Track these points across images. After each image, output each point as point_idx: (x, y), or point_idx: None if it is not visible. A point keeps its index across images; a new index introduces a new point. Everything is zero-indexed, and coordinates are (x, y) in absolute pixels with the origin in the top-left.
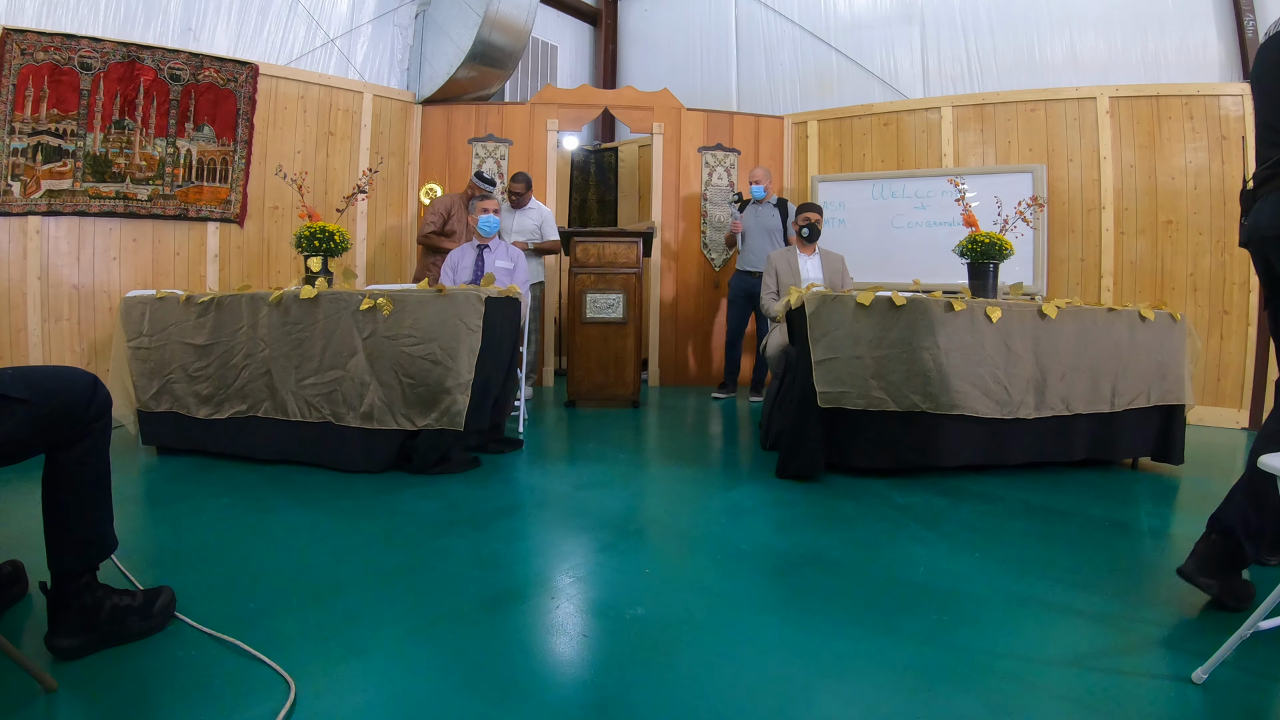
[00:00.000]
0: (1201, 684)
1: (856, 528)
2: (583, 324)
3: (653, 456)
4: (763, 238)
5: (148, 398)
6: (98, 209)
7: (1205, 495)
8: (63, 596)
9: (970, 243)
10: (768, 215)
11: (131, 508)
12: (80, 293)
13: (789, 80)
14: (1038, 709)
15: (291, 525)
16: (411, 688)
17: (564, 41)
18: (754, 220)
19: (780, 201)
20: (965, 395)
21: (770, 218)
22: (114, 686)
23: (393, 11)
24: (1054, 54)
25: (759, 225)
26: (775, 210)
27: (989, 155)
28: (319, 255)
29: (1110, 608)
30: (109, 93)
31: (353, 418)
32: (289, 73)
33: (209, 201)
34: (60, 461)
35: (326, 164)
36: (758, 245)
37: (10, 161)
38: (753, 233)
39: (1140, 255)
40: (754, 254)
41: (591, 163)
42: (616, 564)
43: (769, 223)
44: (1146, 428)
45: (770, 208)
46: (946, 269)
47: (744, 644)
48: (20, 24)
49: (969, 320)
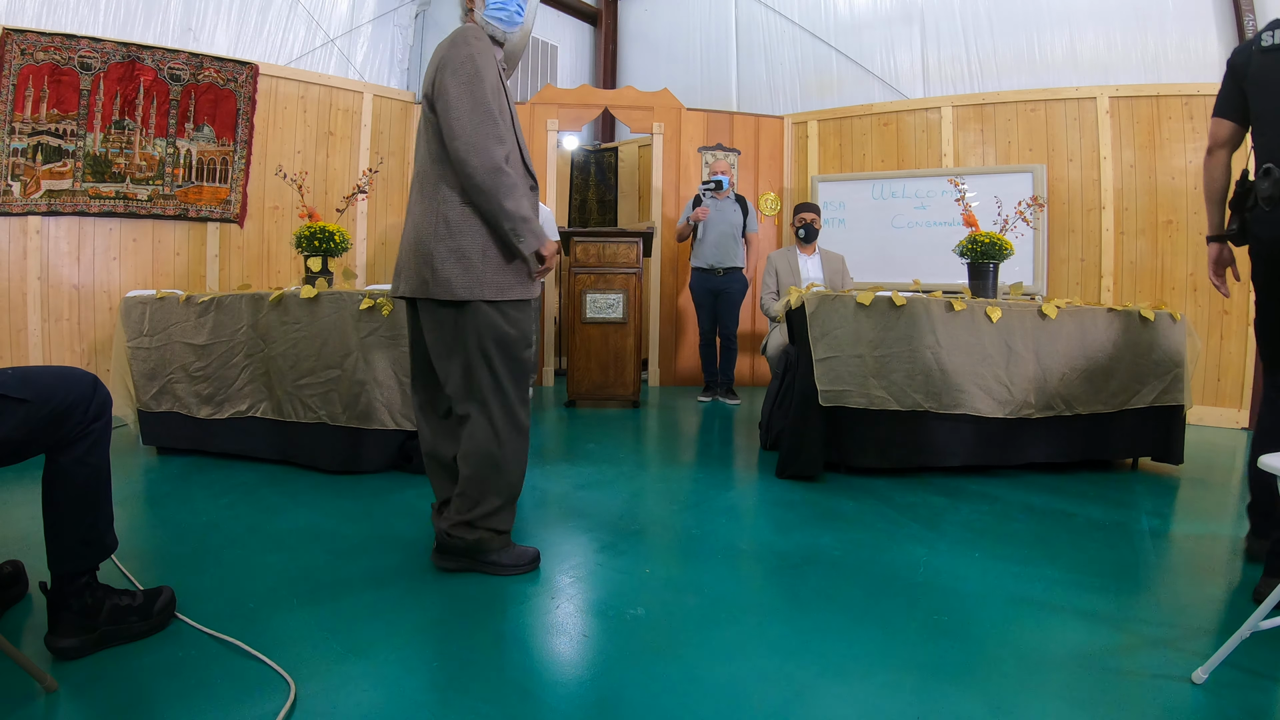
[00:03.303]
0: (1201, 684)
1: (856, 528)
2: (583, 324)
3: (653, 456)
4: (724, 234)
5: (148, 398)
6: (98, 209)
7: (1205, 496)
8: (63, 596)
9: (970, 243)
10: (729, 210)
11: (131, 508)
12: (80, 293)
13: (789, 80)
14: (1038, 709)
15: (291, 525)
16: (411, 688)
17: (564, 41)
18: (715, 214)
19: (740, 198)
20: (967, 394)
21: (732, 213)
22: (114, 686)
23: (393, 11)
24: (1054, 54)
25: (721, 219)
26: (737, 206)
27: (989, 155)
28: (319, 255)
29: (1110, 608)
30: (109, 93)
31: (348, 417)
32: (289, 73)
33: (209, 201)
34: (60, 461)
35: (326, 164)
36: (717, 241)
37: (10, 161)
38: (713, 226)
39: (1140, 255)
40: (713, 249)
41: (591, 163)
42: (616, 564)
43: (731, 218)
44: (1146, 428)
45: (732, 203)
46: (946, 269)
47: (744, 644)
48: (20, 24)
49: (969, 320)
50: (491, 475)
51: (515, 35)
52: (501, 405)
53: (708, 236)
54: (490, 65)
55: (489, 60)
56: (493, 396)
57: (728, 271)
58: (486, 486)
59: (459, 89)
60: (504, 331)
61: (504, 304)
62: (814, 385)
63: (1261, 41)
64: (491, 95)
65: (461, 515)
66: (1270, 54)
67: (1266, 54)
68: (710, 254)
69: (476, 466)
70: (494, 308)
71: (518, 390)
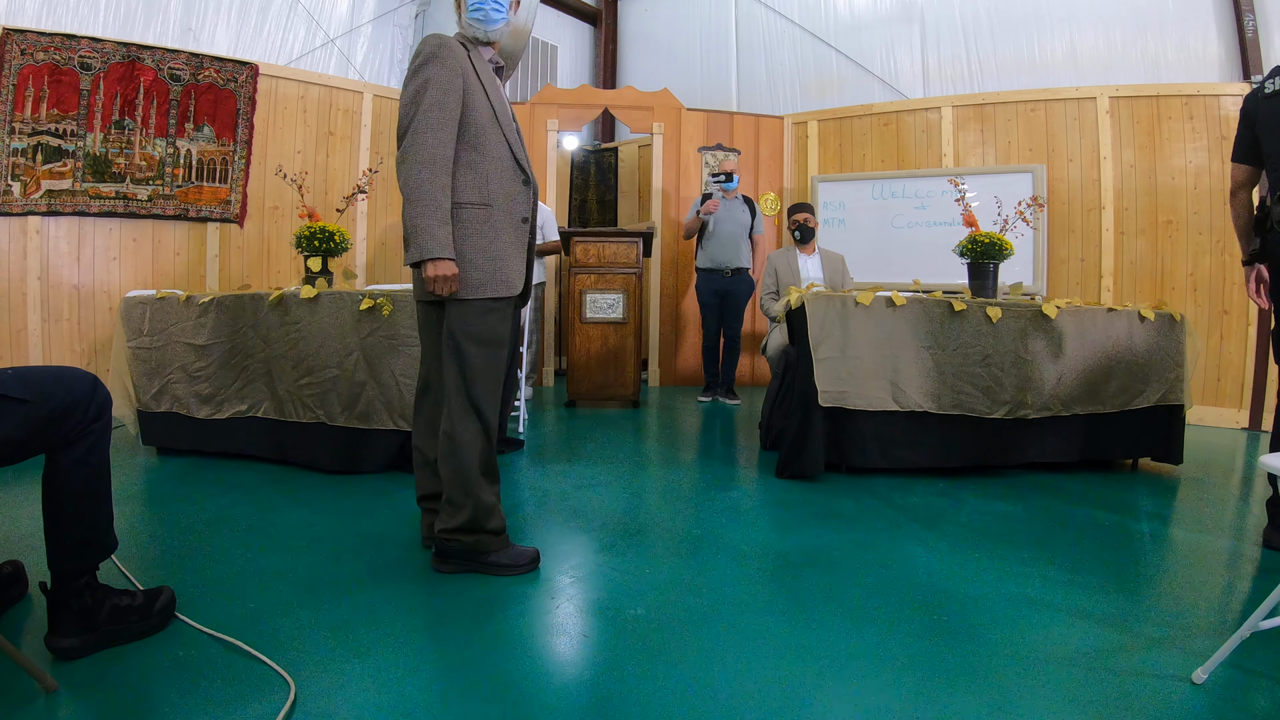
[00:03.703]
0: (1201, 684)
1: (856, 528)
2: (583, 324)
3: (653, 456)
4: (733, 234)
5: (148, 398)
6: (98, 209)
7: (1205, 496)
8: (63, 596)
9: (970, 243)
10: (738, 210)
11: (131, 508)
12: (80, 293)
13: (789, 80)
14: (1038, 709)
15: (291, 525)
16: (411, 688)
17: (564, 41)
18: (723, 213)
19: (747, 199)
20: (966, 395)
21: (741, 213)
22: (114, 686)
23: (393, 11)
24: (1054, 54)
25: (729, 219)
26: (745, 206)
27: (989, 155)
28: (319, 255)
29: (1110, 608)
30: (109, 93)
31: (349, 418)
32: (289, 73)
33: (209, 201)
34: (60, 461)
35: (326, 164)
36: (727, 241)
37: (10, 161)
38: (722, 226)
39: (1140, 255)
40: (722, 250)
41: (591, 163)
42: (616, 564)
43: (740, 218)
44: (1146, 428)
45: (740, 203)
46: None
47: (744, 644)
48: (20, 24)
49: (969, 320)
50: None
51: (502, 32)
52: (464, 402)
53: (716, 236)
54: (444, 69)
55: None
56: (456, 393)
57: (735, 272)
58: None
59: (405, 94)
60: (475, 330)
61: (476, 302)
62: (814, 386)
63: (1265, 89)
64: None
65: (445, 524)
66: (1272, 100)
67: (1269, 100)
68: (719, 254)
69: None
70: (466, 305)
71: (484, 387)
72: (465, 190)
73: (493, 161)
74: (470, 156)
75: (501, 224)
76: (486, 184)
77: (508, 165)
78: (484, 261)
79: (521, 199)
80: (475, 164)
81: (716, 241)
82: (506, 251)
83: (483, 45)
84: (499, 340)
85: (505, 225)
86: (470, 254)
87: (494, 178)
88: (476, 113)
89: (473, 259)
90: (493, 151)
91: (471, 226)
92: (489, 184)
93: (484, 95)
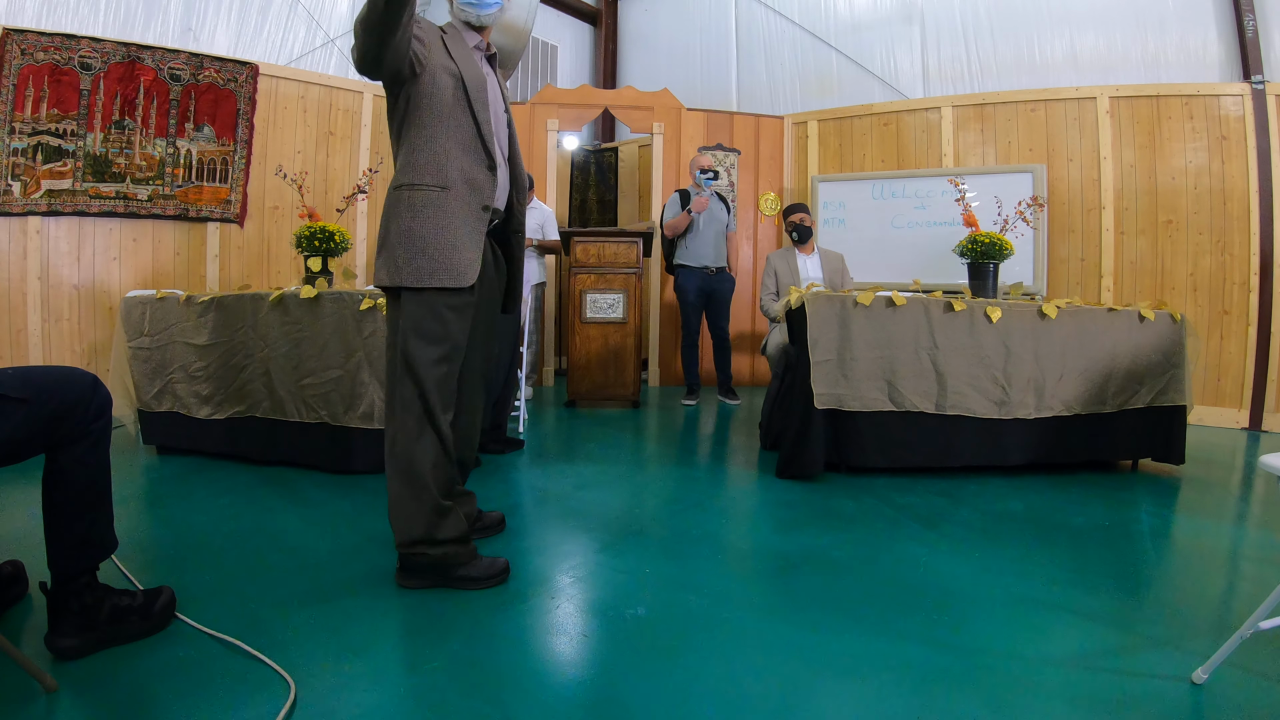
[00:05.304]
0: (1201, 684)
1: (856, 528)
2: (583, 324)
3: (653, 456)
4: (718, 232)
5: (148, 398)
6: (98, 209)
7: (1206, 496)
8: (63, 596)
9: (970, 243)
10: (717, 209)
11: (131, 508)
12: (80, 293)
13: (789, 80)
14: (1038, 709)
15: (292, 526)
16: (411, 688)
17: (564, 41)
18: (707, 212)
19: (720, 195)
20: (964, 396)
21: (720, 211)
22: (114, 686)
23: None
24: (1054, 54)
25: (713, 218)
26: (722, 204)
27: (989, 155)
28: (319, 255)
29: (1110, 608)
30: (109, 93)
31: (350, 418)
32: (289, 73)
33: (209, 201)
34: (60, 461)
35: (326, 164)
36: (713, 239)
37: (10, 161)
38: (707, 225)
39: (1140, 255)
40: (709, 248)
41: (591, 163)
42: (616, 564)
43: (720, 216)
44: (1147, 428)
45: (718, 201)
46: (946, 269)
47: (744, 644)
48: (20, 24)
49: (969, 320)
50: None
51: (494, 17)
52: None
53: (702, 235)
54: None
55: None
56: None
57: (720, 270)
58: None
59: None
60: (418, 323)
61: (425, 292)
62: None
63: None
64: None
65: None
66: None
67: None
68: (706, 253)
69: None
70: (411, 295)
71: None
72: (419, 169)
73: (454, 142)
74: (427, 133)
75: (457, 209)
76: (445, 164)
77: (472, 148)
78: (434, 249)
79: (486, 185)
80: (432, 141)
81: (701, 239)
82: (460, 239)
83: (471, 30)
84: (445, 337)
85: (461, 211)
86: (419, 238)
87: (454, 158)
88: (438, 87)
89: (421, 245)
90: (455, 132)
91: (424, 209)
92: (447, 164)
93: (452, 71)
